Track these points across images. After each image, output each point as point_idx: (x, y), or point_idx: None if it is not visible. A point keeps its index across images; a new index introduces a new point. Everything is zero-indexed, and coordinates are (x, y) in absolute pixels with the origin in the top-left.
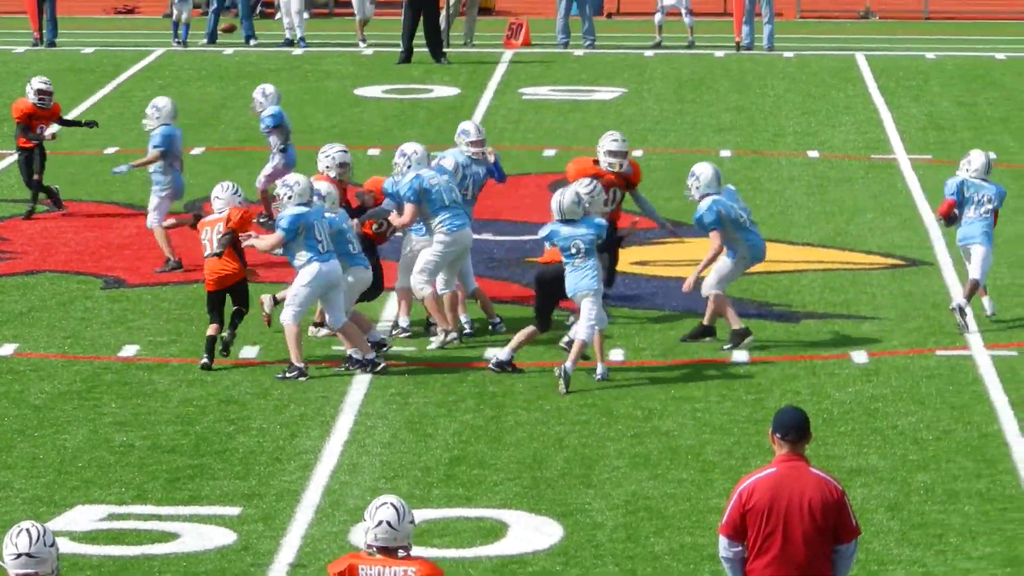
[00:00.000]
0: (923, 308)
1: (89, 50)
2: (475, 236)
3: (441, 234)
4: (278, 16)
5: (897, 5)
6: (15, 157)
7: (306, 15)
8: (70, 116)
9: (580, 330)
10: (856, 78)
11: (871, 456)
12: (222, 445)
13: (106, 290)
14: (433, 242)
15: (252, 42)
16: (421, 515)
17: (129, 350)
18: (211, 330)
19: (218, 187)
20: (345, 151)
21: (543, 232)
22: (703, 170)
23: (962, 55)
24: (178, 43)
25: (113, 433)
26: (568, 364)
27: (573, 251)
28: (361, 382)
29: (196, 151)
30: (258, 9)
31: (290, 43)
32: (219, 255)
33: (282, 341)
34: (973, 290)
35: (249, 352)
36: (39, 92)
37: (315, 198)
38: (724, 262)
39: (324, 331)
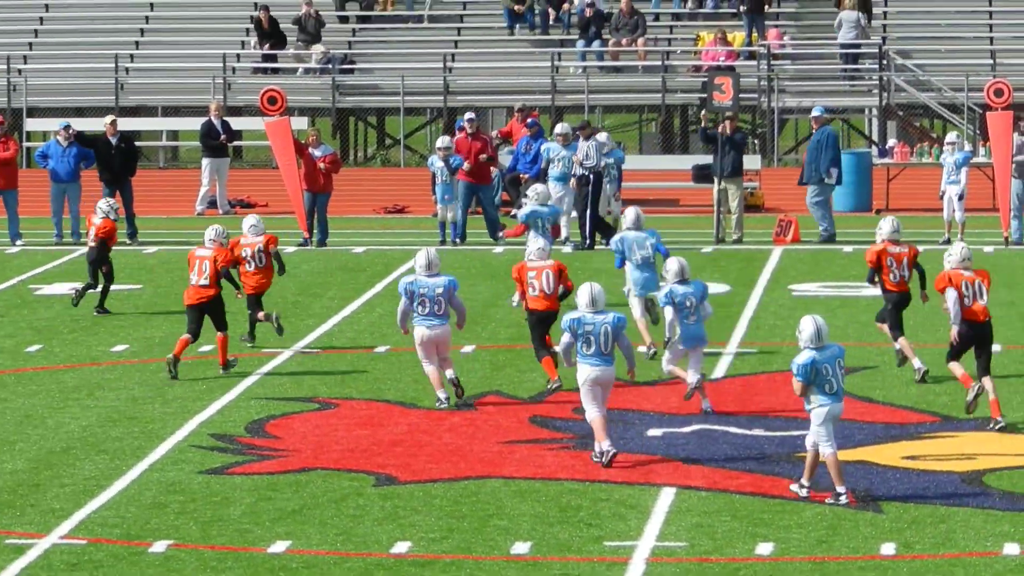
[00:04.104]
0: None
1: (360, 250)
2: (745, 432)
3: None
4: None
5: None
6: (285, 356)
7: (574, 214)
8: (341, 314)
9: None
10: None
11: None
12: None
13: (378, 487)
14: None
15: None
16: None
17: (401, 547)
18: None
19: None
20: None
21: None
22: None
23: None
24: (442, 242)
25: None
26: None
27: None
28: None
29: (466, 349)
30: None
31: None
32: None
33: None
34: None
35: (520, 548)
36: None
37: None
38: None
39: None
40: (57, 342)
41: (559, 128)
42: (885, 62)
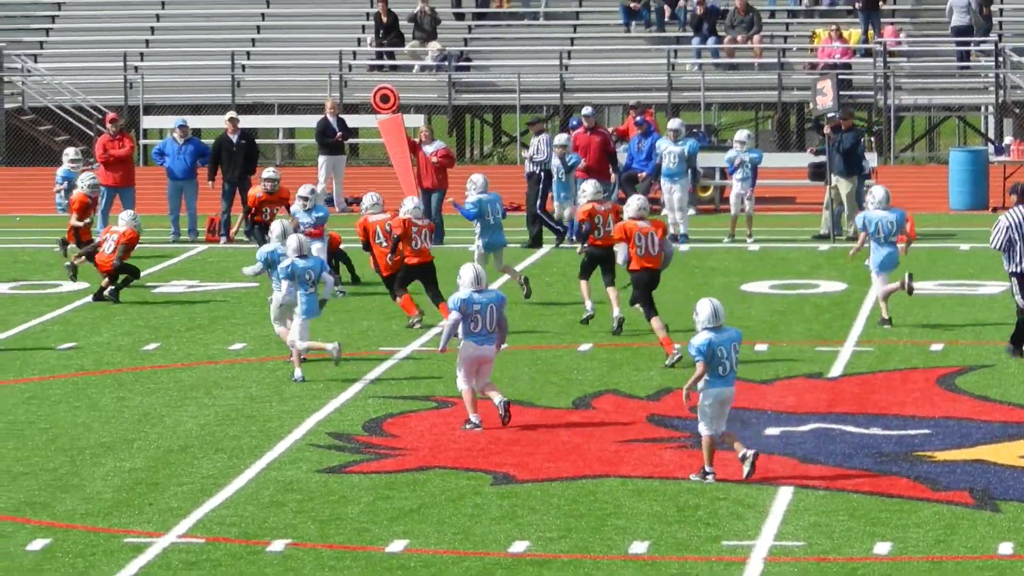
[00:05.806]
0: None
1: (474, 247)
2: (862, 431)
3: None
4: (663, 212)
5: None
6: (402, 355)
7: (692, 211)
8: None
9: None
10: None
11: None
12: None
13: (495, 486)
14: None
15: None
16: None
17: (519, 546)
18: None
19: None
20: None
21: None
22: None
23: None
24: (559, 240)
25: None
26: None
27: None
28: None
29: (583, 347)
30: None
31: (674, 238)
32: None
33: None
34: None
35: (638, 547)
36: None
37: None
38: None
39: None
40: (174, 340)
41: (671, 124)
42: (1001, 59)
